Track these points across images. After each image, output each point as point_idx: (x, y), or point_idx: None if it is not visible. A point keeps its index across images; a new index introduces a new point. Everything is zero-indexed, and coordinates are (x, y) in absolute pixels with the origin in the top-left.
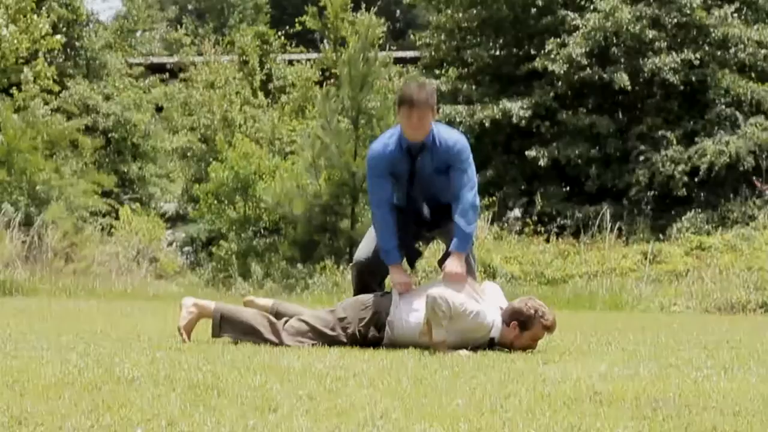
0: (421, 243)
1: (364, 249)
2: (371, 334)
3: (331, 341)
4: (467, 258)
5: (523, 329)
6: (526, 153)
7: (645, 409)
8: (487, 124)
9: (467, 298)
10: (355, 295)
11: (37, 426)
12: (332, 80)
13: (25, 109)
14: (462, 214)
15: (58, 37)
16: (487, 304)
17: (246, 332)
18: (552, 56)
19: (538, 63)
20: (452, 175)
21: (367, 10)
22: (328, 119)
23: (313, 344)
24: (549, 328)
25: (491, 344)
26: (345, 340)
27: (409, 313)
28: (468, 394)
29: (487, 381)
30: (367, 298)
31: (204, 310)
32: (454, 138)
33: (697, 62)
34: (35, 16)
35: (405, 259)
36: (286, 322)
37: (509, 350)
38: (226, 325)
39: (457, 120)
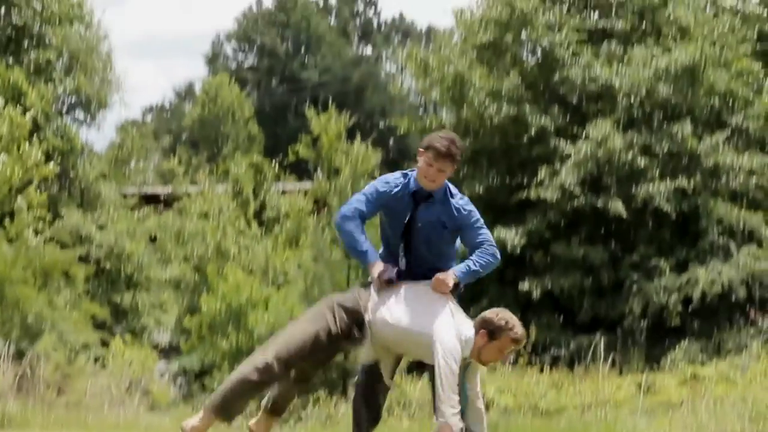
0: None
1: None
2: (353, 334)
3: (318, 349)
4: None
5: (491, 338)
6: (519, 286)
7: None
8: None
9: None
10: (354, 417)
11: None
12: (326, 210)
13: (17, 239)
14: (480, 253)
15: (51, 165)
16: (461, 323)
17: (242, 394)
18: (544, 185)
19: (532, 192)
20: (469, 234)
21: (362, 140)
22: (321, 250)
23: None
24: (517, 341)
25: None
26: (326, 341)
27: (386, 313)
28: None
29: None
30: (345, 298)
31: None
32: (464, 200)
33: (689, 190)
34: (27, 145)
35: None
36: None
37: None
38: (227, 412)
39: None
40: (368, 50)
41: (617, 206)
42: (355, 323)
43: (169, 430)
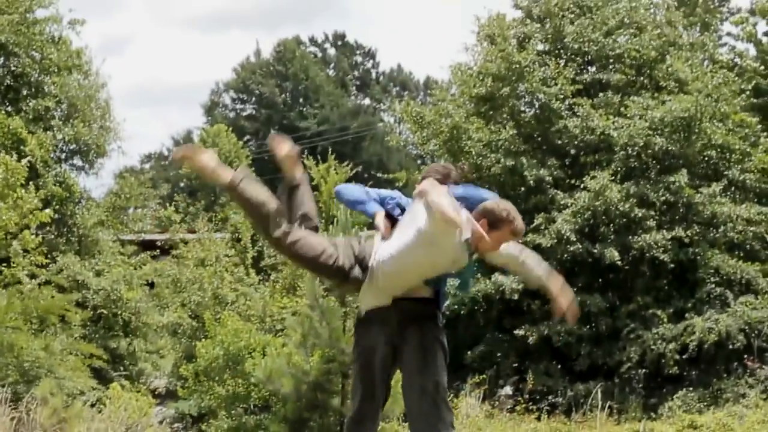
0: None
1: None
2: (354, 274)
3: (318, 261)
4: None
5: (491, 228)
6: (515, 332)
7: None
8: (479, 298)
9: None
10: None
11: None
12: None
13: (13, 284)
14: None
15: (48, 211)
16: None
17: (253, 207)
18: (540, 231)
19: (528, 236)
20: None
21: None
22: (316, 297)
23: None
24: (515, 233)
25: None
26: (333, 267)
27: (388, 249)
28: None
29: None
30: (355, 241)
31: (216, 174)
32: None
33: (686, 240)
34: (23, 192)
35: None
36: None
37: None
38: (234, 193)
39: (451, 292)
40: (366, 101)
41: (613, 254)
42: (358, 264)
43: None
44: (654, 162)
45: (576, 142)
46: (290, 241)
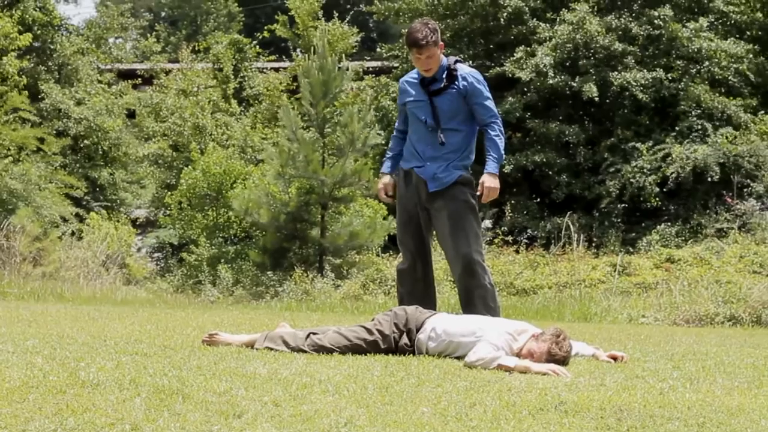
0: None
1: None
2: (402, 342)
3: (367, 348)
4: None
5: (536, 339)
6: None
7: (609, 419)
8: None
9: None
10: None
11: (0, 429)
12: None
13: None
14: (493, 139)
15: (25, 35)
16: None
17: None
18: (520, 64)
19: (507, 68)
20: (478, 110)
21: (340, 19)
22: (293, 129)
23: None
24: (551, 354)
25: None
26: (383, 345)
27: (431, 338)
28: (433, 402)
29: (453, 389)
30: (401, 310)
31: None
32: (467, 71)
33: (667, 78)
34: None
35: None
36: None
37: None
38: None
39: None
40: None
41: (591, 89)
42: (406, 333)
43: (145, 302)
44: None
45: None
46: (316, 344)
